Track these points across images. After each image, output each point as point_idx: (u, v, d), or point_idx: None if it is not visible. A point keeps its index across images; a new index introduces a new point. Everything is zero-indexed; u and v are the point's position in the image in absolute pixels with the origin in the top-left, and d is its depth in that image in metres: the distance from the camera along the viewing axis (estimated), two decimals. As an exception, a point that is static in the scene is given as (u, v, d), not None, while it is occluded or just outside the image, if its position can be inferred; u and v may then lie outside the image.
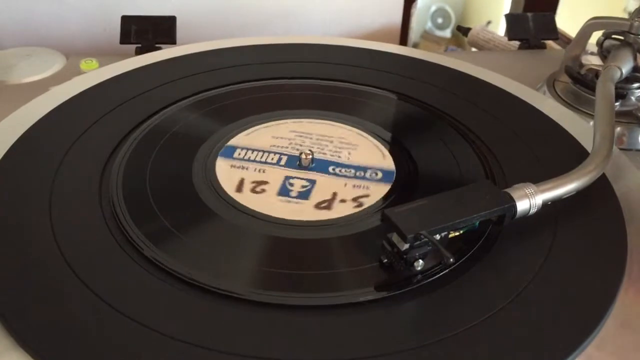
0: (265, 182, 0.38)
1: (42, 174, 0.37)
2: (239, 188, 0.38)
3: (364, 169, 0.40)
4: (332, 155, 0.41)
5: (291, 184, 0.39)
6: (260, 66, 0.52)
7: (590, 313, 0.30)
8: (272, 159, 0.41)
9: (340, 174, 0.40)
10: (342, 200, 0.37)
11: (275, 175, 0.39)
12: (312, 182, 0.39)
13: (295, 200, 0.37)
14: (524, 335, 0.28)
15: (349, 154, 0.42)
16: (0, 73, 0.56)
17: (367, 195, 0.38)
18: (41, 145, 0.40)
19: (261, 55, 0.54)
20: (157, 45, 0.60)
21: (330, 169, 0.40)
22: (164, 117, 0.44)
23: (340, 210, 0.36)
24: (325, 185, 0.39)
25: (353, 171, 0.40)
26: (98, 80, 0.48)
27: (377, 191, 0.38)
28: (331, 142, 0.43)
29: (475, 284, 0.31)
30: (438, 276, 0.31)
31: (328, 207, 0.37)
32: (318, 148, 0.42)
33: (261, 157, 0.41)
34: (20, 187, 0.36)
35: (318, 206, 0.37)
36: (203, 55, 0.53)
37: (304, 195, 0.38)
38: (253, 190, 0.38)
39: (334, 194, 0.38)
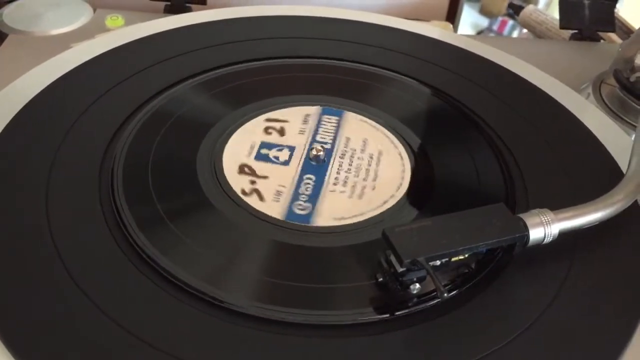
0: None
1: (44, 146, 0.36)
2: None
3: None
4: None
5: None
6: (292, 41, 0.49)
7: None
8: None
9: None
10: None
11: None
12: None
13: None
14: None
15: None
16: (29, 22, 0.55)
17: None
18: (47, 113, 0.39)
19: (295, 28, 0.51)
20: (187, 5, 0.58)
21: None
22: (174, 95, 0.42)
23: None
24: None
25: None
26: (119, 43, 0.46)
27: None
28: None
29: (472, 319, 0.29)
30: (432, 304, 0.30)
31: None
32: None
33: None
34: (17, 166, 0.35)
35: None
36: (229, 23, 0.50)
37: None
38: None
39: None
